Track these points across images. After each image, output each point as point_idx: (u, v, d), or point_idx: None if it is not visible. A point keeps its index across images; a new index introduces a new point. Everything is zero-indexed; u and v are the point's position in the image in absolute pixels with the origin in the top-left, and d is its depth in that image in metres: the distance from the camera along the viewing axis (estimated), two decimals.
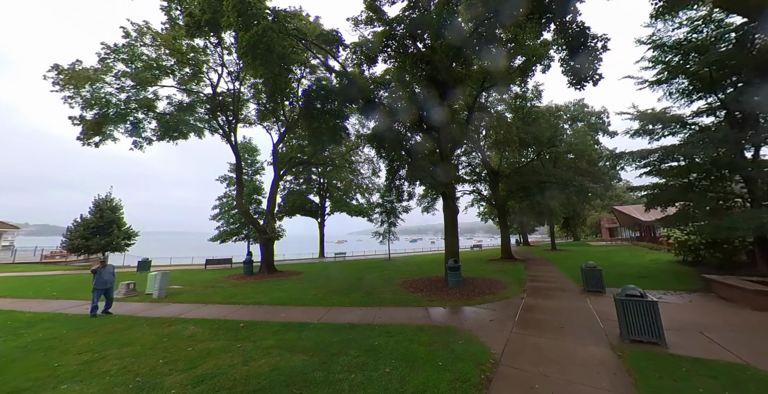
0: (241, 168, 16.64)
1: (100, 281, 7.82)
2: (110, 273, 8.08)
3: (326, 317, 7.06)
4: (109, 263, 8.33)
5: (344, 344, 5.22)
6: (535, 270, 14.30)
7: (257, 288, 11.57)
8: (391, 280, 12.52)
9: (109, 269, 8.11)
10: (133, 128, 12.53)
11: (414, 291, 9.80)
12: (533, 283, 10.89)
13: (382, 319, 6.78)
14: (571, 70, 7.94)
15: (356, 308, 7.93)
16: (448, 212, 11.32)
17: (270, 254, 16.20)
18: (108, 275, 8.00)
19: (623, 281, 10.54)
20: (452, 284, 10.06)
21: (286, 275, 15.08)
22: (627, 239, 41.91)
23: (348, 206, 29.56)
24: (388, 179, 17.64)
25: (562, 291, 9.35)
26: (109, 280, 7.98)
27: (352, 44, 10.34)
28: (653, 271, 12.55)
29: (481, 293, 9.12)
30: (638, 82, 11.88)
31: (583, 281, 9.14)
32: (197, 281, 14.00)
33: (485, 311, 7.24)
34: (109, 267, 8.14)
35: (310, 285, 11.96)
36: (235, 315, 7.49)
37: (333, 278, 14.08)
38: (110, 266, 8.23)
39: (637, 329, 4.77)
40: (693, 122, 11.04)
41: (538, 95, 19.93)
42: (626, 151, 11.60)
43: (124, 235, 22.14)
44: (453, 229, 11.37)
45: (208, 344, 5.41)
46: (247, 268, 15.43)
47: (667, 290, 8.54)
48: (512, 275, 12.69)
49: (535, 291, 9.43)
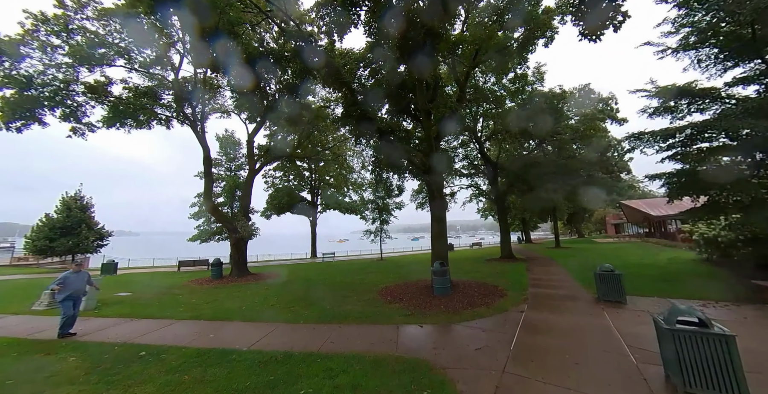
0: (209, 161, 14.99)
1: (70, 288, 6.01)
2: (82, 281, 6.31)
3: (263, 341, 5.39)
4: (84, 270, 6.55)
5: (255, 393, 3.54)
6: (538, 272, 12.55)
7: (212, 295, 9.94)
8: (372, 285, 10.84)
9: (82, 277, 6.32)
10: (71, 113, 10.89)
11: (392, 301, 8.11)
12: (536, 288, 9.15)
13: (334, 344, 5.10)
14: (582, 14, 6.09)
15: (310, 326, 6.26)
16: (434, 206, 9.60)
17: (242, 256, 14.58)
18: (79, 283, 6.21)
19: (643, 286, 8.81)
20: (438, 291, 8.35)
21: (257, 279, 13.44)
22: (634, 236, 39.96)
23: (339, 203, 27.87)
24: (374, 172, 16.00)
25: (572, 300, 7.60)
26: (78, 289, 6.20)
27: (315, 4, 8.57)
28: (675, 273, 10.77)
29: (472, 304, 7.40)
30: (657, 52, 10.09)
31: (598, 287, 7.40)
32: (155, 286, 12.41)
33: (473, 332, 5.52)
34: (82, 274, 6.37)
35: (275, 292, 10.31)
36: (151, 337, 5.83)
37: (308, 282, 12.43)
38: (84, 273, 6.45)
39: (700, 378, 3.03)
40: (729, 94, 9.19)
41: (541, 78, 18.02)
42: (646, 130, 9.77)
43: (95, 235, 20.59)
44: (440, 226, 9.64)
45: (65, 389, 3.75)
46: (216, 271, 13.82)
47: (706, 301, 6.77)
48: (512, 278, 10.96)
49: (539, 300, 7.69)
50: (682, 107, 10.20)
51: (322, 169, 28.89)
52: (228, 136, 24.78)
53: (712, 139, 9.01)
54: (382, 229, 22.92)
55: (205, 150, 15.02)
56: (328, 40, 10.04)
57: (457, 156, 22.66)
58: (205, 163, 15.07)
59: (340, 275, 14.12)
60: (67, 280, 6.08)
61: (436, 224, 9.64)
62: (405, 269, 15.35)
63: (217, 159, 24.92)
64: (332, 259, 24.03)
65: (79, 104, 11.34)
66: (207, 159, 15.07)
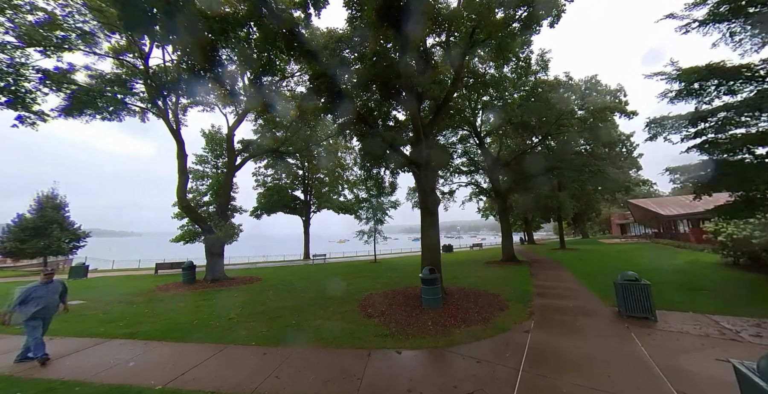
0: (183, 156, 13.74)
1: (37, 304, 4.70)
2: (54, 294, 4.96)
3: (190, 374, 4.12)
4: (57, 281, 5.14)
5: None
6: (544, 277, 11.24)
7: (170, 305, 8.68)
8: (356, 292, 9.58)
9: (53, 289, 4.98)
10: (15, 100, 9.67)
11: (372, 314, 6.82)
12: (543, 299, 7.84)
13: (279, 382, 3.83)
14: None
15: (262, 350, 4.99)
16: (423, 202, 8.31)
17: (217, 259, 13.31)
18: (50, 297, 4.88)
19: (669, 296, 7.37)
20: (427, 303, 7.05)
21: (233, 284, 12.19)
22: (642, 236, 38.49)
23: (331, 202, 26.60)
24: (363, 167, 14.74)
25: (587, 316, 6.30)
26: (49, 305, 4.87)
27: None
28: (702, 279, 9.44)
29: (467, 320, 6.11)
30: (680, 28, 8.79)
31: (619, 300, 6.09)
32: (116, 292, 11.16)
33: (464, 364, 4.24)
34: (53, 286, 4.99)
35: (244, 301, 9.04)
36: (54, 367, 4.58)
37: (287, 288, 11.16)
38: (57, 284, 5.07)
39: None
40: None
41: (545, 66, 16.71)
42: (670, 114, 8.46)
43: (70, 236, 19.40)
44: (432, 226, 8.34)
45: None
46: (187, 275, 12.57)
47: (760, 320, 5.43)
48: (514, 285, 9.66)
49: (547, 315, 6.39)
50: (710, 89, 8.87)
51: (315, 166, 27.66)
52: (214, 132, 23.57)
53: (749, 125, 7.70)
54: (376, 229, 21.63)
55: (179, 144, 13.79)
56: (303, 13, 8.78)
57: (455, 152, 21.37)
58: (179, 158, 13.82)
59: (325, 280, 12.85)
60: (34, 293, 4.74)
61: (428, 223, 8.35)
62: (397, 273, 14.06)
63: (202, 156, 23.73)
64: (323, 261, 22.76)
65: (27, 91, 10.12)
66: (181, 154, 13.81)
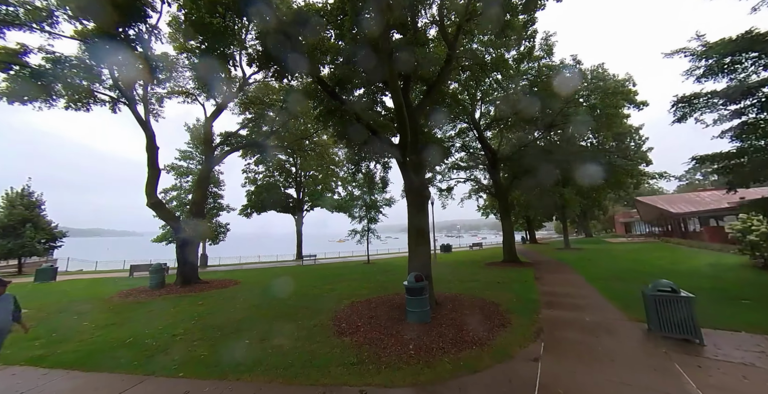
0: (153, 149, 12.50)
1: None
2: (5, 312, 3.81)
3: None
4: (8, 294, 3.94)
5: None
6: (550, 282, 9.97)
7: (117, 317, 7.44)
8: (335, 300, 8.35)
9: (3, 305, 3.81)
10: None
11: (343, 331, 5.58)
12: (552, 310, 6.59)
13: None
14: None
15: (186, 384, 3.77)
16: (410, 195, 7.05)
17: (189, 260, 12.10)
18: (2, 313, 3.76)
19: (704, 307, 5.69)
20: (413, 317, 5.80)
21: (203, 289, 10.96)
22: (649, 235, 37.12)
23: (323, 200, 25.37)
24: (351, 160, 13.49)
25: (610, 334, 5.03)
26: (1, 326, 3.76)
27: None
28: (737, 285, 8.15)
29: (459, 341, 4.87)
30: None
31: (651, 315, 4.84)
32: (72, 298, 9.94)
33: None
34: (3, 301, 3.84)
35: (203, 311, 7.81)
36: None
37: (261, 294, 9.94)
38: (7, 298, 3.90)
39: None
40: None
41: (550, 51, 15.37)
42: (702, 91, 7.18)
43: (45, 236, 18.23)
44: (420, 222, 7.08)
45: None
46: (155, 279, 11.35)
47: None
48: (517, 292, 8.41)
49: (560, 334, 5.13)
50: (746, 64, 7.57)
51: (307, 163, 26.43)
52: (199, 126, 22.35)
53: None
54: (369, 228, 20.38)
55: (148, 136, 12.56)
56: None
57: (453, 146, 20.07)
58: (149, 151, 12.58)
59: (308, 284, 11.64)
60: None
61: (416, 219, 7.08)
62: (388, 276, 12.82)
63: (187, 151, 22.51)
64: (314, 262, 21.54)
65: None
66: (151, 146, 12.57)
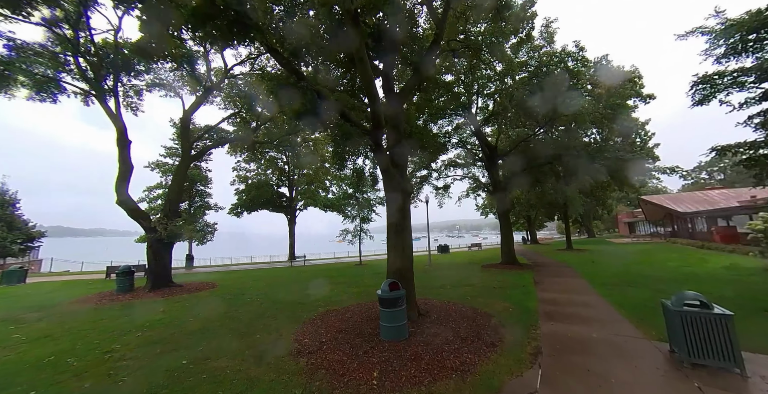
0: (124, 142, 11.63)
1: None
2: None
3: None
4: None
5: None
6: (551, 288, 9.01)
7: (60, 327, 6.55)
8: (309, 309, 7.46)
9: None
10: None
11: (301, 351, 4.67)
12: (553, 323, 5.65)
13: None
14: None
15: None
16: (390, 190, 6.13)
17: (161, 262, 11.23)
18: None
19: (737, 323, 4.58)
20: (387, 334, 4.88)
21: (172, 294, 10.06)
22: (654, 235, 36.03)
23: (315, 199, 24.48)
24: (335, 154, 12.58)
25: (624, 359, 4.09)
26: None
27: None
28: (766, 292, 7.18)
29: (435, 368, 3.94)
30: None
31: (676, 335, 3.89)
32: (31, 304, 9.07)
33: None
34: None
35: (157, 320, 6.92)
36: None
37: (232, 300, 9.04)
38: None
39: None
40: None
41: (551, 39, 14.42)
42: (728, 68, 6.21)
43: (21, 236, 17.43)
44: (401, 221, 6.15)
45: None
46: (122, 282, 10.50)
47: None
48: (514, 300, 7.47)
49: (562, 359, 4.20)
50: None
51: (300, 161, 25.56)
52: None
53: None
54: (361, 228, 19.47)
55: (119, 129, 11.70)
56: None
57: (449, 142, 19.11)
58: (120, 146, 11.72)
59: (287, 288, 10.78)
60: None
61: (397, 218, 6.15)
62: (377, 280, 11.88)
63: (172, 148, 21.65)
64: (303, 263, 20.66)
65: None
66: (122, 140, 11.72)
